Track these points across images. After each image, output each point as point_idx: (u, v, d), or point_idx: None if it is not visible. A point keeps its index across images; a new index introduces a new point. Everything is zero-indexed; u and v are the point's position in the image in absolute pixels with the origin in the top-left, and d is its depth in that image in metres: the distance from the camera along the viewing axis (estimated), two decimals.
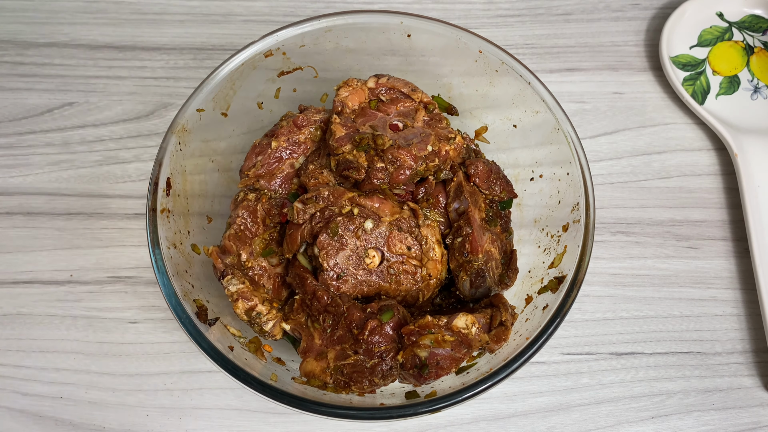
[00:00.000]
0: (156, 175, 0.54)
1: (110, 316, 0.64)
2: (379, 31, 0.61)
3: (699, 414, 0.63)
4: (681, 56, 0.74)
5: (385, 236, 0.54)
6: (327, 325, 0.52)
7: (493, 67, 0.59)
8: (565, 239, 0.55)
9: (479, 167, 0.59)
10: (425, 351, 0.50)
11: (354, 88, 0.58)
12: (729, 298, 0.67)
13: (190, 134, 0.57)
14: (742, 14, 0.76)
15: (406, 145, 0.55)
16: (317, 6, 0.77)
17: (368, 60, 0.63)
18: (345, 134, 0.57)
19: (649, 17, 0.78)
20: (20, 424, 0.61)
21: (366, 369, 0.51)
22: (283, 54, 0.60)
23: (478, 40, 0.58)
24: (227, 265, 0.55)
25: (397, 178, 0.55)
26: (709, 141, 0.72)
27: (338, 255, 0.54)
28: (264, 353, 0.54)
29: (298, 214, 0.55)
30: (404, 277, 0.55)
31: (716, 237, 0.69)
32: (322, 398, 0.49)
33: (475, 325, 0.52)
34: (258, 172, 0.59)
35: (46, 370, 0.63)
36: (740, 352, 0.65)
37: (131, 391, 0.62)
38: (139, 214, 0.67)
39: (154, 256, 0.52)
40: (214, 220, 0.60)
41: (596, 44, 0.76)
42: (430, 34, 0.60)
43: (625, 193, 0.70)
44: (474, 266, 0.55)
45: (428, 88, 0.62)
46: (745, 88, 0.73)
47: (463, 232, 0.55)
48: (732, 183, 0.70)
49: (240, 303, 0.53)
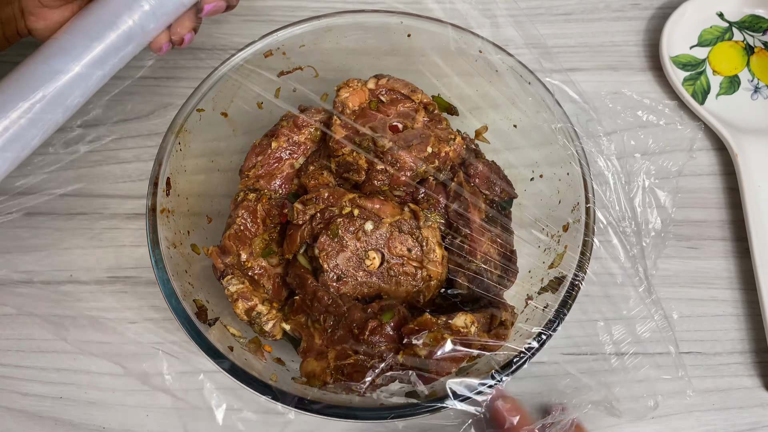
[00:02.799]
0: (156, 175, 0.54)
1: (110, 316, 0.64)
2: (379, 31, 0.61)
3: (699, 414, 0.63)
4: (681, 56, 0.74)
5: (385, 238, 0.54)
6: (327, 325, 0.52)
7: (493, 67, 0.59)
8: (566, 239, 0.55)
9: (479, 168, 0.59)
10: (425, 350, 0.50)
11: (354, 89, 0.58)
12: (729, 298, 0.67)
13: (189, 134, 0.57)
14: (742, 14, 0.76)
15: (406, 146, 0.55)
16: (317, 6, 0.77)
17: (368, 60, 0.63)
18: (345, 135, 0.57)
19: (649, 17, 0.78)
20: (20, 424, 0.61)
21: (366, 369, 0.51)
22: (283, 54, 0.60)
23: (478, 40, 0.58)
24: (227, 265, 0.55)
25: (398, 179, 0.55)
26: (709, 141, 0.72)
27: (338, 256, 0.54)
28: (264, 353, 0.54)
29: (298, 214, 0.55)
30: (404, 278, 0.55)
31: (716, 237, 0.69)
32: (322, 398, 0.49)
33: (474, 324, 0.52)
34: (258, 173, 0.59)
35: (46, 370, 0.63)
36: (740, 352, 0.65)
37: (131, 391, 0.62)
38: (139, 214, 0.67)
39: (153, 257, 0.52)
40: (214, 220, 0.60)
41: (596, 44, 0.76)
42: (430, 34, 0.60)
43: None
44: (473, 267, 0.55)
45: (428, 88, 0.62)
46: (745, 88, 0.73)
47: (462, 233, 0.55)
48: (732, 183, 0.70)
49: (240, 303, 0.53)
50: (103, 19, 0.50)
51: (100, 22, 0.50)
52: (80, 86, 0.50)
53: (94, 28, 0.50)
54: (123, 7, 0.50)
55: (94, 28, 0.50)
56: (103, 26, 0.49)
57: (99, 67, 0.50)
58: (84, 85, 0.50)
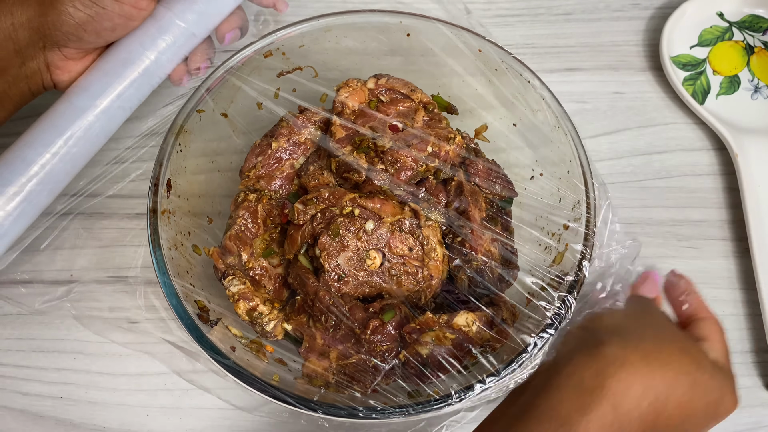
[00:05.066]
0: (156, 176, 0.54)
1: (110, 316, 0.64)
2: (378, 31, 0.61)
3: None
4: (681, 56, 0.74)
5: (386, 237, 0.54)
6: (329, 324, 0.52)
7: (492, 66, 0.59)
8: (566, 238, 0.55)
9: (479, 167, 0.59)
10: (426, 349, 0.50)
11: (354, 89, 0.59)
12: (729, 298, 0.67)
13: (190, 135, 0.57)
14: (742, 14, 0.76)
15: (406, 146, 0.55)
16: (317, 6, 0.77)
17: (368, 60, 0.63)
18: (345, 135, 0.57)
19: (649, 17, 0.78)
20: (20, 424, 0.61)
21: (368, 368, 0.51)
22: (282, 54, 0.60)
23: (477, 39, 0.58)
24: (228, 265, 0.55)
25: (398, 179, 0.55)
26: (709, 141, 0.72)
27: (339, 256, 0.54)
28: (266, 354, 0.54)
29: (299, 215, 0.55)
30: (405, 278, 0.55)
31: (716, 237, 0.69)
32: (324, 398, 0.49)
33: (476, 323, 0.52)
34: (258, 173, 0.59)
35: (46, 370, 0.63)
36: (740, 352, 0.65)
37: (131, 391, 0.62)
38: (140, 213, 0.67)
39: (155, 257, 0.52)
40: (215, 221, 0.60)
41: (596, 44, 0.76)
42: (430, 33, 0.60)
43: (625, 193, 0.70)
44: (474, 265, 0.55)
45: (428, 87, 0.62)
46: (745, 88, 0.74)
47: (463, 232, 0.55)
48: (732, 183, 0.70)
49: (241, 303, 0.53)
50: (122, 58, 0.52)
51: (118, 61, 0.52)
52: (101, 120, 0.52)
53: (112, 67, 0.52)
54: (139, 46, 0.52)
55: (113, 67, 0.52)
56: (121, 64, 0.52)
57: (118, 101, 0.53)
58: (106, 119, 0.53)
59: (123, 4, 0.50)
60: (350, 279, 0.54)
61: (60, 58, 0.53)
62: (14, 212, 0.50)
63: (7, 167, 0.50)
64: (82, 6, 0.50)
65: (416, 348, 0.50)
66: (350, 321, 0.52)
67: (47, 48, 0.52)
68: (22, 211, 0.50)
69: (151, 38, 0.53)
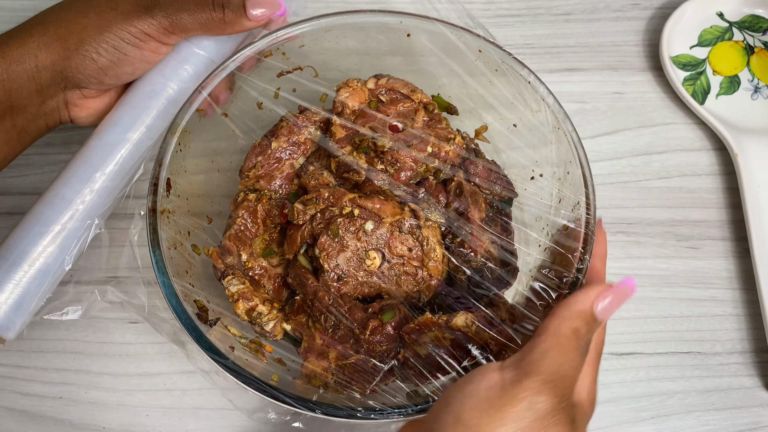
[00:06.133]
0: (156, 176, 0.54)
1: (110, 316, 0.64)
2: (378, 31, 0.61)
3: (699, 414, 0.63)
4: (681, 56, 0.74)
5: (385, 237, 0.54)
6: (328, 325, 0.52)
7: (492, 66, 0.59)
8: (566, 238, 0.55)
9: (479, 167, 0.59)
10: (426, 349, 0.50)
11: (354, 89, 0.59)
12: (729, 298, 0.67)
13: (190, 134, 0.57)
14: (742, 14, 0.76)
15: (406, 146, 0.55)
16: (317, 6, 0.77)
17: (368, 60, 0.63)
18: (345, 135, 0.57)
19: (649, 17, 0.78)
20: (20, 424, 0.61)
21: (367, 369, 0.51)
22: (282, 54, 0.60)
23: (477, 40, 0.58)
24: (228, 265, 0.55)
25: (398, 179, 0.55)
26: (709, 141, 0.72)
27: (339, 256, 0.54)
28: (265, 354, 0.54)
29: (299, 215, 0.55)
30: (405, 278, 0.55)
31: (716, 237, 0.69)
32: (323, 398, 0.49)
33: (475, 323, 0.52)
34: (258, 173, 0.59)
35: (46, 370, 0.63)
36: (740, 352, 0.65)
37: (131, 391, 0.62)
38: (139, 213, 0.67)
39: (154, 257, 0.52)
40: (215, 221, 0.60)
41: (596, 44, 0.76)
42: (430, 33, 0.60)
43: (625, 193, 0.70)
44: (474, 266, 0.55)
45: (428, 87, 0.62)
46: (745, 88, 0.73)
47: (463, 232, 0.55)
48: (732, 183, 0.70)
49: (240, 303, 0.53)
50: (146, 91, 0.56)
51: (144, 95, 0.56)
52: (131, 152, 0.56)
53: (139, 101, 0.56)
54: (162, 78, 0.56)
55: (140, 101, 0.56)
56: (147, 97, 0.56)
57: (147, 132, 0.56)
58: (135, 150, 0.56)
59: (144, 51, 0.53)
60: (350, 279, 0.54)
61: (79, 96, 0.55)
62: (56, 250, 0.53)
63: (48, 207, 0.53)
64: (105, 52, 0.52)
65: (415, 348, 0.50)
66: (349, 321, 0.52)
67: (68, 88, 0.54)
68: (64, 247, 0.54)
69: (172, 69, 0.56)
